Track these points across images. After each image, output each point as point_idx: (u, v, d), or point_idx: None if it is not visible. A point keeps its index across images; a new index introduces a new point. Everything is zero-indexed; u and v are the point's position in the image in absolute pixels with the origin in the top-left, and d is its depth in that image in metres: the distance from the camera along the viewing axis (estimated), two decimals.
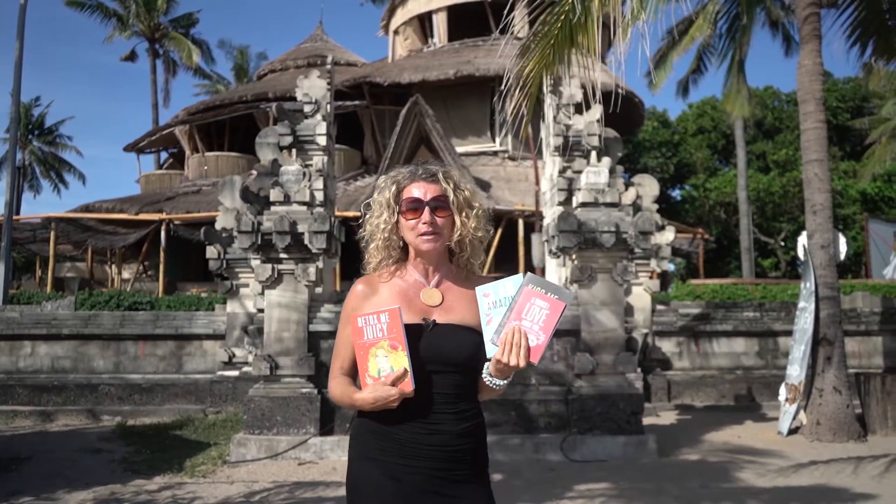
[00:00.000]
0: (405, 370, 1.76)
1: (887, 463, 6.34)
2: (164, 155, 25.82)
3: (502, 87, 5.34)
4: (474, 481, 1.89)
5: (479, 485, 1.91)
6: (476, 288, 1.82)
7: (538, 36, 5.35)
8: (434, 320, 1.87)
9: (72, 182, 39.62)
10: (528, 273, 1.86)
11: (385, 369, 1.76)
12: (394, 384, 1.77)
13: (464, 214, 1.92)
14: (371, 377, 1.77)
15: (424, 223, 1.87)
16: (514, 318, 1.71)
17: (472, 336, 1.88)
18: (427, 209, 1.88)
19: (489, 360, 1.80)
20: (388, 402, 1.80)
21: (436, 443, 1.83)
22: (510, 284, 1.76)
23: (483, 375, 1.84)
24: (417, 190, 1.90)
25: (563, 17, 5.09)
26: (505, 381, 1.82)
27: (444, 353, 1.84)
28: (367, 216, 1.99)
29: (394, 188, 1.94)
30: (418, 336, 1.84)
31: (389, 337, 1.76)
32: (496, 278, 1.82)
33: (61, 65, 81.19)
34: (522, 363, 1.71)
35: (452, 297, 1.92)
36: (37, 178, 35.03)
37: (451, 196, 1.91)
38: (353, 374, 1.96)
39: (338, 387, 1.95)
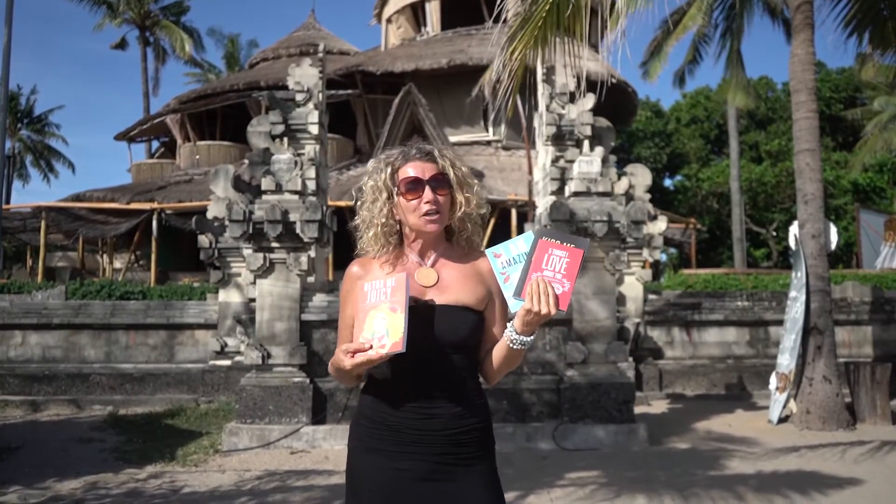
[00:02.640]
0: (361, 345, 1.71)
1: (873, 449, 6.40)
2: (155, 144, 25.66)
3: (488, 74, 5.29)
4: (479, 463, 1.83)
5: (483, 467, 1.84)
6: (486, 250, 1.77)
7: (526, 19, 5.29)
8: (427, 301, 1.82)
9: (61, 171, 39.31)
10: (539, 227, 1.84)
11: (380, 331, 1.70)
12: (353, 355, 1.70)
13: (464, 191, 1.86)
14: (364, 338, 1.72)
15: (427, 202, 1.81)
16: (535, 269, 1.68)
17: (467, 315, 1.83)
18: (428, 188, 1.82)
19: (511, 318, 1.74)
20: (349, 368, 1.72)
21: (435, 427, 1.79)
22: (521, 242, 1.73)
23: (507, 334, 1.76)
24: (414, 169, 1.83)
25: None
26: (531, 339, 1.74)
27: (437, 334, 1.78)
28: (360, 203, 1.91)
29: (388, 170, 1.86)
30: (413, 317, 1.75)
31: (391, 300, 1.71)
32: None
33: (50, 53, 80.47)
34: (553, 310, 1.65)
35: (448, 277, 1.86)
36: (25, 166, 34.76)
37: (451, 173, 1.85)
38: None
39: (331, 362, 1.89)
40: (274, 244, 6.85)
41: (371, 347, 1.70)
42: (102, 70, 78.82)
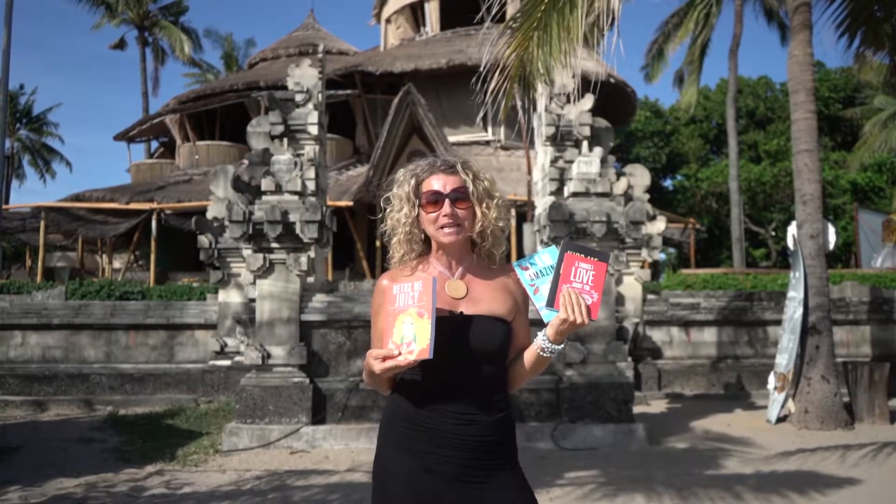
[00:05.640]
0: (390, 351, 1.76)
1: (871, 449, 6.42)
2: (154, 144, 25.66)
3: (481, 70, 5.25)
4: (506, 469, 1.90)
5: (512, 472, 1.92)
6: (513, 263, 1.85)
7: (523, 15, 5.28)
8: (461, 312, 1.87)
9: (59, 171, 39.37)
10: (563, 239, 1.90)
11: (408, 336, 1.75)
12: (384, 360, 1.76)
13: (484, 205, 1.92)
14: (394, 343, 1.77)
15: (445, 216, 1.87)
16: (564, 281, 1.76)
17: (500, 326, 1.89)
18: (447, 201, 1.87)
19: (543, 326, 1.82)
20: (378, 373, 1.78)
21: (470, 433, 1.84)
22: (547, 255, 1.82)
23: (539, 343, 1.84)
24: (437, 182, 1.89)
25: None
26: (561, 347, 1.84)
27: (474, 344, 1.84)
28: (388, 210, 1.98)
29: (413, 181, 1.93)
30: (448, 328, 1.82)
31: (418, 305, 1.76)
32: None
33: (48, 52, 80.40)
34: (586, 320, 1.74)
35: (477, 289, 1.92)
36: (22, 166, 34.77)
37: (471, 187, 1.90)
38: None
39: (364, 369, 1.94)
40: (274, 245, 6.87)
41: (400, 353, 1.75)
42: (102, 70, 78.86)
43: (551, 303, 1.76)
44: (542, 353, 1.85)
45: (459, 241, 1.91)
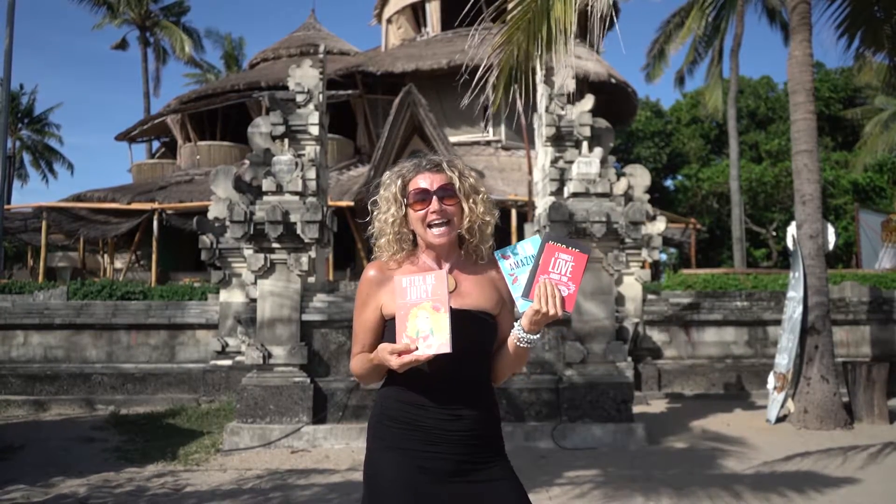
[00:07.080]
0: (407, 346, 1.77)
1: (870, 448, 6.44)
2: (156, 144, 25.70)
3: (462, 70, 5.24)
4: (497, 461, 1.93)
5: (502, 464, 1.94)
6: (495, 252, 1.87)
7: (516, 11, 5.27)
8: (450, 306, 1.88)
9: (60, 171, 39.39)
10: (546, 230, 1.91)
11: (424, 330, 1.76)
12: (400, 355, 1.78)
13: (471, 201, 1.94)
14: (408, 337, 1.77)
15: (433, 212, 1.89)
16: (542, 272, 1.77)
17: (487, 320, 1.92)
18: (435, 198, 1.89)
19: (519, 317, 1.84)
20: (396, 368, 1.80)
21: (460, 428, 1.86)
22: (528, 245, 1.83)
23: (515, 333, 1.86)
24: (423, 181, 1.92)
25: None
26: (537, 337, 1.85)
27: (463, 338, 1.84)
28: (375, 213, 1.99)
29: (399, 182, 1.95)
30: None
31: (433, 298, 1.77)
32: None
33: (50, 52, 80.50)
34: (560, 311, 1.75)
35: (466, 284, 1.94)
36: (24, 166, 34.82)
37: (458, 183, 1.93)
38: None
39: (357, 361, 1.97)
40: (275, 245, 6.90)
41: (417, 348, 1.76)
42: (103, 70, 78.90)
43: (527, 293, 1.77)
44: (518, 343, 1.87)
45: (450, 240, 1.94)
